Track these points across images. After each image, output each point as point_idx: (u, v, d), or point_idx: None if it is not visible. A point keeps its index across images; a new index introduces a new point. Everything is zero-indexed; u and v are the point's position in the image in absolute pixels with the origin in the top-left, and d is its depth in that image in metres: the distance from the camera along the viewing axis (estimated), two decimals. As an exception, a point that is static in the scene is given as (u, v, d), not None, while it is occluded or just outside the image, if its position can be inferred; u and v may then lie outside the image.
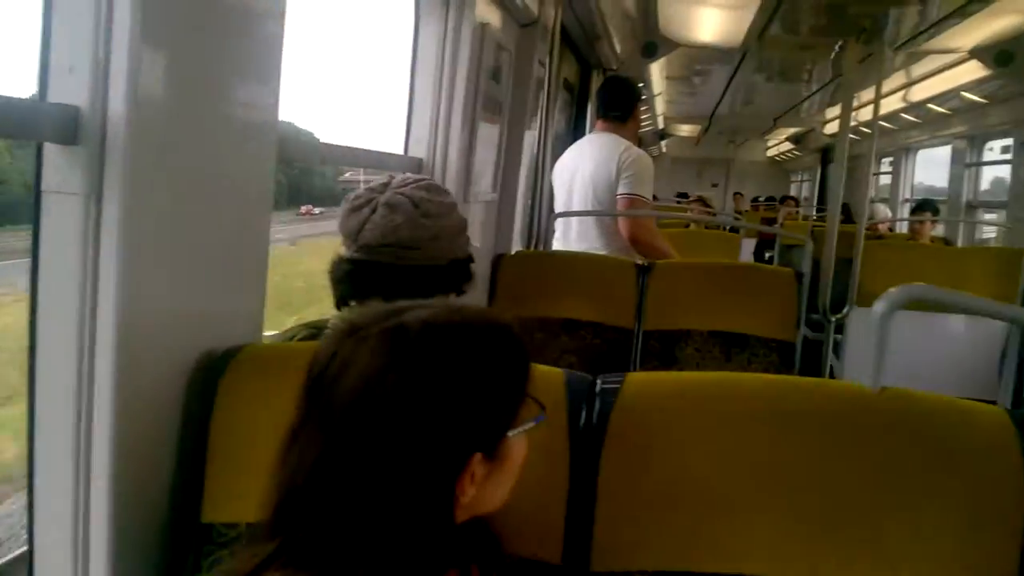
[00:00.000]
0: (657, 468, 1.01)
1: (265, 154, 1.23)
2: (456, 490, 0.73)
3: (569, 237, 2.88)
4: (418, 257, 1.25)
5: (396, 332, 0.73)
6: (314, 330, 1.36)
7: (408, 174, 1.30)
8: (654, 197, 3.56)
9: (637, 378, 1.04)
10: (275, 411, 1.06)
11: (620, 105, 2.90)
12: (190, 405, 1.12)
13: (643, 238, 2.79)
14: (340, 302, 1.30)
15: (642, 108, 2.98)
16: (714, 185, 13.80)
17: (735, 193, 11.96)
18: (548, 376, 1.05)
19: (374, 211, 1.23)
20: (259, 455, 1.06)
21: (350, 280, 1.27)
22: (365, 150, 1.90)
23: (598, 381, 1.05)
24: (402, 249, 1.23)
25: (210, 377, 1.12)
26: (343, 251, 1.28)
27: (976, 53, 4.07)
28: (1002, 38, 3.82)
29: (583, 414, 1.03)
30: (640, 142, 3.04)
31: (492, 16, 2.28)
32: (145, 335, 1.01)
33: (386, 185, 1.27)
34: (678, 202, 7.59)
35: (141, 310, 1.00)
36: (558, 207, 2.92)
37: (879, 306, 0.96)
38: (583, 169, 2.83)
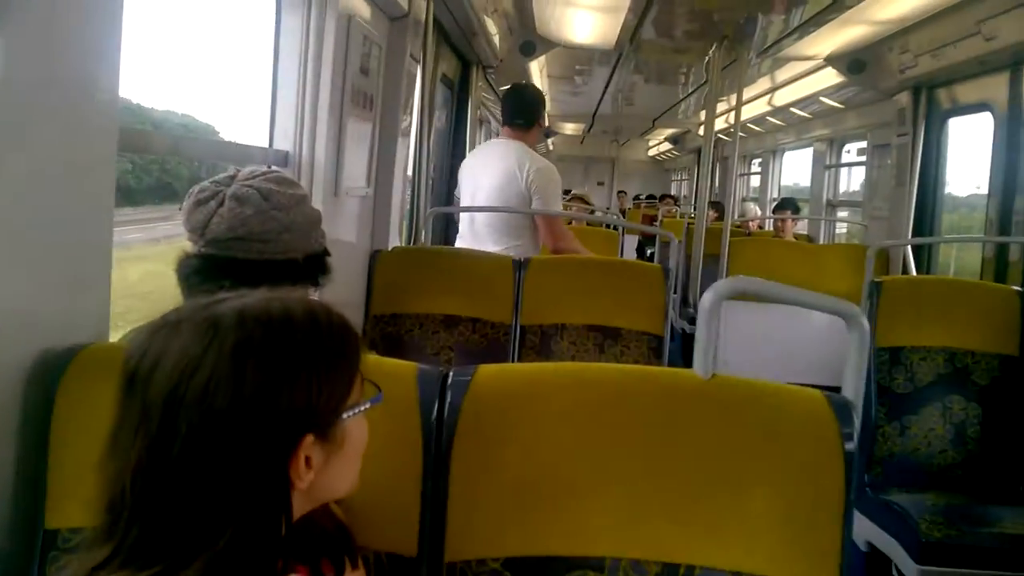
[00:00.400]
0: (507, 458, 1.03)
1: (104, 143, 1.16)
2: (290, 475, 0.72)
3: (480, 237, 2.90)
4: (270, 250, 1.21)
5: (209, 321, 0.72)
6: None
7: (255, 167, 1.26)
8: None
9: (488, 371, 1.06)
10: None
11: (524, 113, 2.96)
12: (28, 406, 1.06)
13: (567, 248, 2.91)
14: (188, 299, 1.25)
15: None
16: (600, 183, 14.18)
17: (619, 192, 12.33)
18: (399, 370, 1.05)
19: (221, 204, 1.17)
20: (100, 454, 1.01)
21: (200, 276, 1.22)
22: (225, 142, 1.83)
23: (450, 374, 1.05)
24: (253, 242, 1.19)
25: (50, 377, 1.07)
26: (189, 247, 1.23)
27: (832, 61, 4.35)
28: (855, 47, 4.10)
29: (435, 407, 1.03)
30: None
31: (359, 8, 2.25)
32: None
33: (232, 178, 1.22)
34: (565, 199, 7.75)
35: None
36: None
37: (707, 297, 1.01)
38: (489, 175, 2.86)
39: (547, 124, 9.31)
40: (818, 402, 1.01)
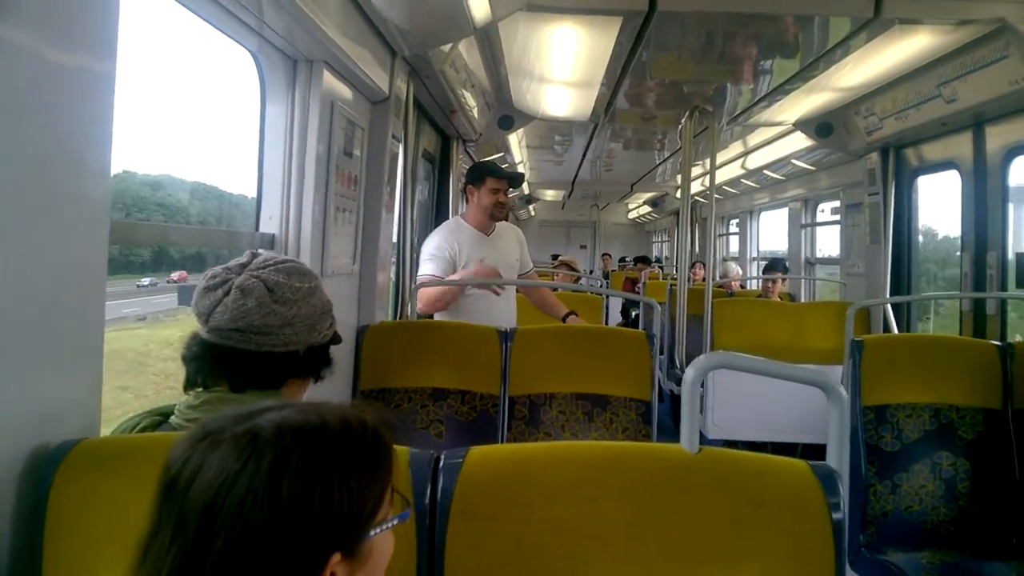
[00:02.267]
0: (500, 539, 1.03)
1: (98, 234, 1.19)
2: None
3: None
4: (270, 343, 1.22)
5: (249, 436, 0.73)
6: (159, 417, 1.30)
7: (273, 253, 1.28)
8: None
9: (479, 452, 1.07)
10: (115, 506, 1.02)
11: (463, 186, 3.25)
12: (21, 503, 1.06)
13: (423, 310, 3.01)
14: (188, 384, 1.26)
15: (487, 187, 3.11)
16: (582, 246, 14.34)
17: (603, 254, 12.47)
18: (391, 454, 1.06)
19: (227, 293, 1.20)
20: (99, 552, 1.01)
21: (200, 362, 1.23)
22: (213, 229, 1.86)
23: (441, 458, 1.06)
24: (253, 335, 1.21)
25: (43, 473, 1.07)
26: (198, 329, 1.24)
27: (800, 125, 4.50)
28: (822, 112, 4.25)
29: (428, 491, 1.04)
30: (491, 218, 3.21)
31: (342, 94, 2.32)
32: None
33: (244, 266, 1.24)
34: (552, 263, 7.83)
35: None
36: None
37: (689, 373, 1.04)
38: None
39: (528, 192, 9.50)
40: (803, 473, 1.03)
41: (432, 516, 1.02)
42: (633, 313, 7.48)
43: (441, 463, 1.05)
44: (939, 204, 4.27)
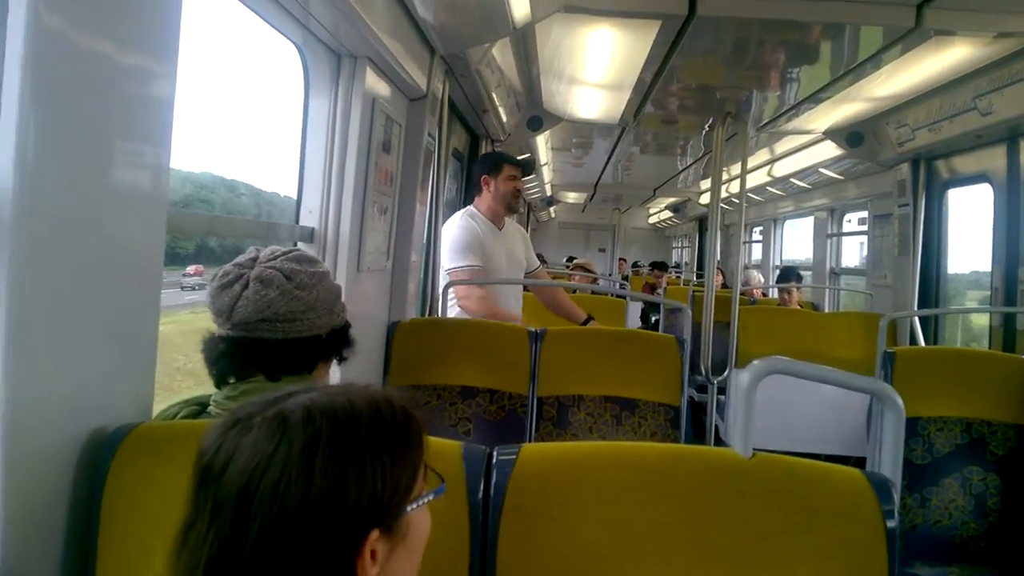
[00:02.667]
0: (552, 537, 1.04)
1: (155, 226, 1.20)
2: (357, 570, 0.72)
3: None
4: (296, 329, 1.25)
5: (278, 419, 0.74)
6: (197, 406, 1.32)
7: (275, 247, 1.30)
8: (542, 259, 3.73)
9: (532, 449, 1.07)
10: (168, 491, 1.03)
11: (473, 179, 3.29)
12: (79, 486, 1.08)
13: (471, 309, 3.00)
14: (219, 381, 1.27)
15: (504, 175, 3.18)
16: (601, 250, 14.32)
17: (620, 259, 12.44)
18: (444, 449, 1.07)
19: (246, 287, 1.21)
20: (153, 537, 1.02)
21: (228, 359, 1.25)
22: (256, 221, 1.88)
23: (495, 453, 1.07)
24: (279, 323, 1.23)
25: (100, 457, 1.09)
26: (216, 329, 1.26)
27: (830, 134, 4.47)
28: (853, 121, 4.22)
29: (481, 486, 1.04)
30: (507, 208, 3.27)
31: (382, 90, 2.34)
32: (33, 415, 0.97)
33: (254, 260, 1.26)
34: (567, 266, 7.81)
35: (29, 389, 0.96)
36: None
37: (744, 377, 1.04)
38: None
39: (550, 193, 9.50)
40: (858, 481, 1.03)
41: (485, 510, 1.03)
42: (653, 318, 7.46)
43: (495, 459, 1.06)
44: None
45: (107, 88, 1.06)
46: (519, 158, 3.38)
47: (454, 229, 3.14)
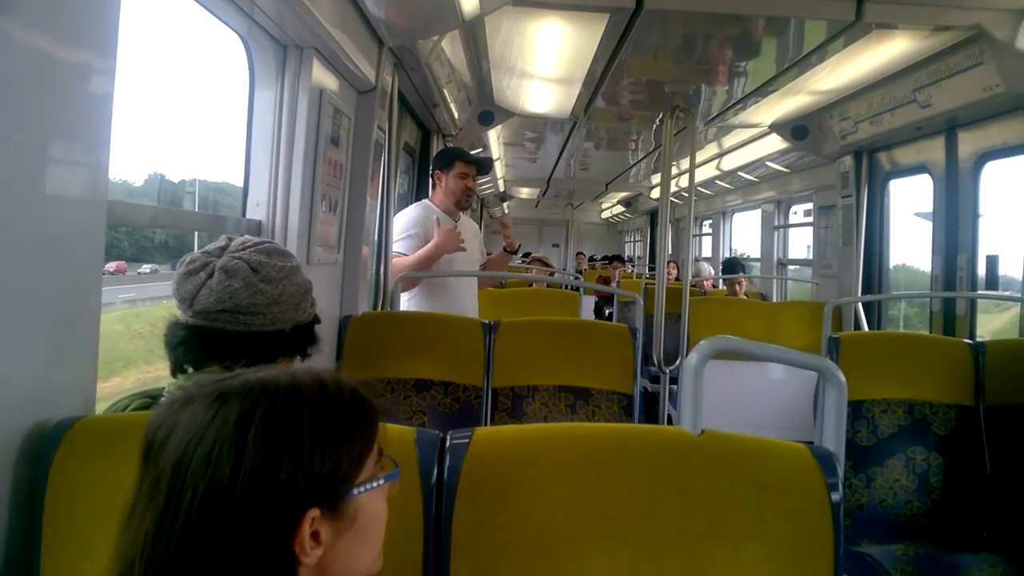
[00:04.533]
0: (506, 518, 1.04)
1: (95, 218, 1.17)
2: (295, 550, 0.71)
3: None
4: (258, 323, 1.23)
5: (218, 392, 0.74)
6: (148, 399, 1.29)
7: (247, 236, 1.28)
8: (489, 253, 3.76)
9: (484, 433, 1.08)
10: (113, 485, 1.01)
11: (432, 171, 3.33)
12: (20, 481, 1.05)
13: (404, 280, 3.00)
14: (176, 369, 1.25)
15: (455, 171, 3.23)
16: (555, 245, 14.40)
17: (577, 253, 12.53)
18: (398, 434, 1.06)
19: (211, 276, 1.19)
20: (98, 532, 1.00)
21: (186, 346, 1.22)
22: (201, 213, 1.85)
23: (447, 437, 1.07)
24: (241, 315, 1.21)
25: (42, 451, 1.06)
26: (179, 315, 1.24)
27: (776, 128, 4.57)
28: (798, 115, 4.32)
29: (434, 470, 1.04)
30: (457, 205, 3.31)
31: (330, 82, 2.31)
32: None
33: (223, 248, 1.23)
34: (523, 260, 7.83)
35: None
36: None
37: (692, 357, 1.06)
38: None
39: (503, 189, 9.51)
40: (803, 455, 1.05)
41: (439, 495, 1.03)
42: (607, 311, 7.53)
43: (448, 443, 1.06)
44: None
45: (44, 82, 1.04)
46: (473, 155, 3.40)
47: (403, 216, 3.20)
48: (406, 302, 3.11)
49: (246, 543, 0.69)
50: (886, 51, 3.04)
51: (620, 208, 12.10)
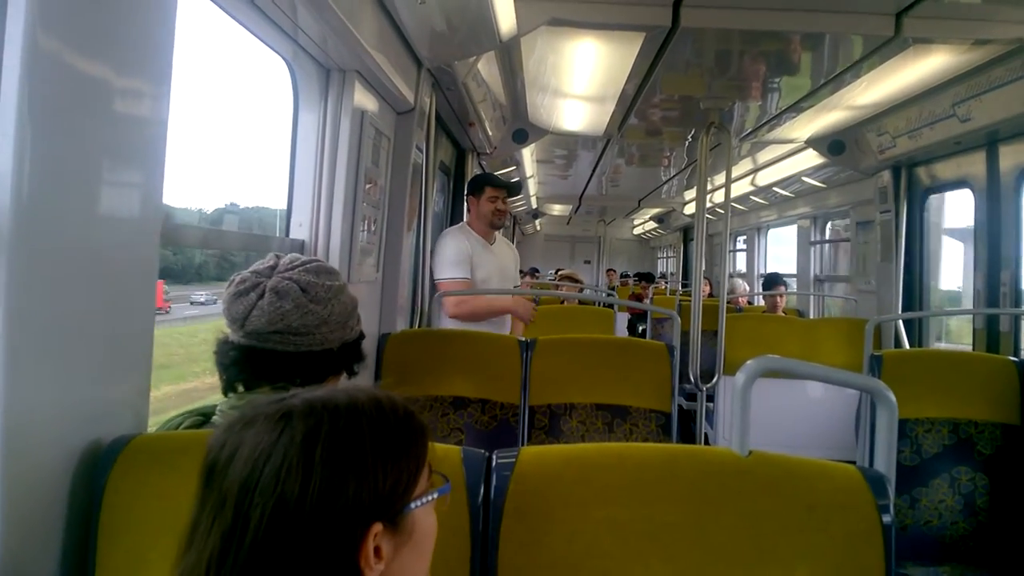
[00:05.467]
0: (553, 539, 1.04)
1: (150, 240, 1.21)
2: (360, 565, 0.73)
3: None
4: (308, 343, 1.24)
5: (281, 412, 0.75)
6: (200, 417, 1.31)
7: (296, 255, 1.30)
8: (534, 271, 3.80)
9: (531, 452, 1.08)
10: (167, 502, 1.03)
11: (466, 196, 3.43)
12: (76, 498, 1.07)
13: (456, 313, 3.09)
14: (227, 387, 1.27)
15: (486, 196, 3.32)
16: (587, 262, 14.37)
17: (608, 270, 12.49)
18: (445, 453, 1.07)
19: (261, 296, 1.21)
20: (152, 549, 1.02)
21: (238, 367, 1.24)
22: (248, 233, 1.89)
23: (494, 456, 1.07)
24: (291, 336, 1.22)
25: (98, 469, 1.08)
26: (229, 334, 1.25)
27: (812, 143, 4.54)
28: (834, 130, 4.28)
29: (481, 489, 1.05)
30: (490, 226, 3.37)
31: (370, 104, 2.35)
32: (30, 428, 0.97)
33: (273, 268, 1.25)
34: (554, 277, 7.84)
35: (26, 402, 0.96)
36: None
37: (739, 377, 1.05)
38: None
39: (535, 206, 9.53)
40: (853, 476, 1.04)
41: (486, 514, 1.04)
42: (640, 328, 7.49)
43: (494, 462, 1.07)
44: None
45: (103, 107, 1.07)
46: (502, 179, 3.47)
47: (446, 242, 3.25)
48: (444, 319, 3.13)
49: (314, 559, 0.70)
50: (925, 65, 3.01)
51: (652, 224, 12.05)
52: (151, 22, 1.16)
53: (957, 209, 4.27)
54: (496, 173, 4.78)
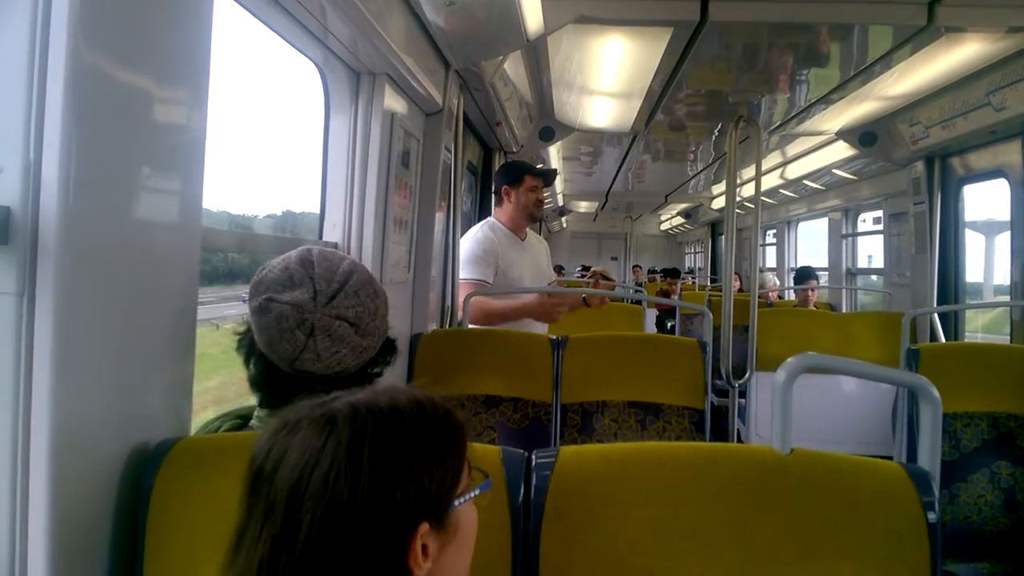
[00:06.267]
0: (595, 537, 1.05)
1: (191, 246, 1.23)
2: (409, 564, 0.74)
3: None
4: (353, 368, 1.23)
5: (326, 417, 0.76)
6: (238, 420, 1.32)
7: (325, 257, 1.24)
8: (559, 269, 3.76)
9: (570, 451, 1.09)
10: (212, 503, 1.05)
11: (494, 189, 3.22)
12: (123, 501, 1.09)
13: (478, 320, 2.93)
14: (267, 402, 1.26)
15: (526, 186, 3.15)
16: (613, 258, 14.32)
17: (634, 266, 12.44)
18: (483, 453, 1.08)
19: (309, 335, 1.15)
20: (198, 550, 1.04)
21: (281, 391, 1.21)
22: (284, 237, 1.92)
23: (533, 456, 1.08)
24: (342, 372, 1.20)
25: (144, 472, 1.10)
26: (266, 354, 1.20)
27: (843, 135, 4.48)
28: (865, 121, 4.22)
29: (521, 489, 1.06)
30: (530, 218, 3.24)
31: (400, 106, 2.37)
32: (78, 432, 0.99)
33: (313, 298, 1.17)
34: (581, 275, 7.81)
35: (74, 406, 0.98)
36: None
37: (780, 375, 1.05)
38: None
39: (562, 203, 9.50)
40: (897, 474, 1.04)
41: (526, 513, 1.04)
42: (669, 324, 7.45)
43: (534, 461, 1.07)
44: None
45: (144, 116, 1.09)
46: (540, 167, 3.38)
47: (469, 240, 3.13)
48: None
49: (364, 561, 0.72)
50: (958, 54, 2.96)
51: (680, 219, 11.98)
52: (188, 33, 1.18)
53: (978, 202, 4.21)
54: (517, 160, 4.76)
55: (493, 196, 3.21)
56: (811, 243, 7.62)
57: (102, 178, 1.00)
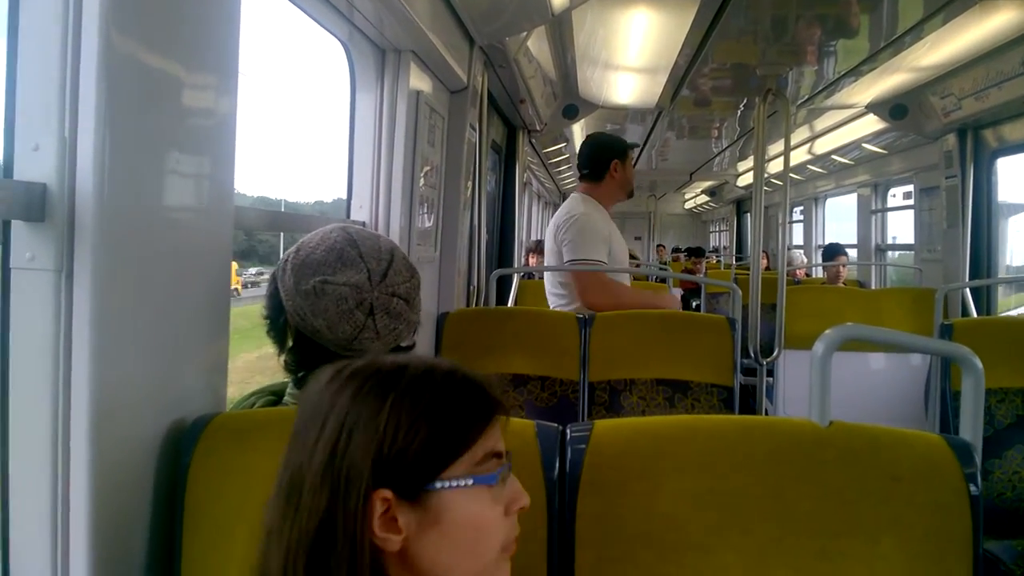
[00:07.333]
0: (630, 511, 1.04)
1: (224, 224, 1.24)
2: (374, 530, 0.72)
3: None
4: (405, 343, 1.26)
5: (337, 370, 0.80)
6: (272, 396, 1.33)
7: (367, 238, 1.26)
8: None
9: (605, 425, 1.08)
10: (248, 476, 1.06)
11: (590, 163, 2.91)
12: (162, 477, 1.11)
13: (599, 303, 2.70)
14: (300, 384, 1.27)
15: (629, 160, 2.94)
16: (637, 238, 14.23)
17: (658, 245, 12.36)
18: (518, 428, 1.08)
19: (369, 314, 1.16)
20: (236, 520, 1.05)
21: (319, 365, 1.23)
22: (313, 216, 1.92)
23: (568, 430, 1.08)
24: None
25: (182, 448, 1.11)
26: (316, 335, 1.20)
27: (873, 108, 4.39)
28: (896, 93, 4.14)
29: (556, 463, 1.06)
30: (629, 194, 3.06)
31: (424, 84, 2.36)
32: (118, 408, 1.00)
33: (369, 278, 1.17)
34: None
35: (114, 382, 0.99)
36: None
37: (818, 347, 1.03)
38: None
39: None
40: (939, 446, 1.02)
41: (562, 488, 1.04)
42: (694, 303, 7.40)
43: (568, 436, 1.07)
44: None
45: (175, 102, 1.09)
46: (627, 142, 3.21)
47: (584, 218, 2.82)
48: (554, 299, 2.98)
49: (325, 509, 0.72)
50: (992, 23, 2.88)
51: (704, 198, 11.87)
52: (217, 18, 1.18)
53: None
54: (545, 150, 4.74)
55: (585, 172, 2.91)
56: (839, 224, 7.50)
57: (135, 158, 1.01)
